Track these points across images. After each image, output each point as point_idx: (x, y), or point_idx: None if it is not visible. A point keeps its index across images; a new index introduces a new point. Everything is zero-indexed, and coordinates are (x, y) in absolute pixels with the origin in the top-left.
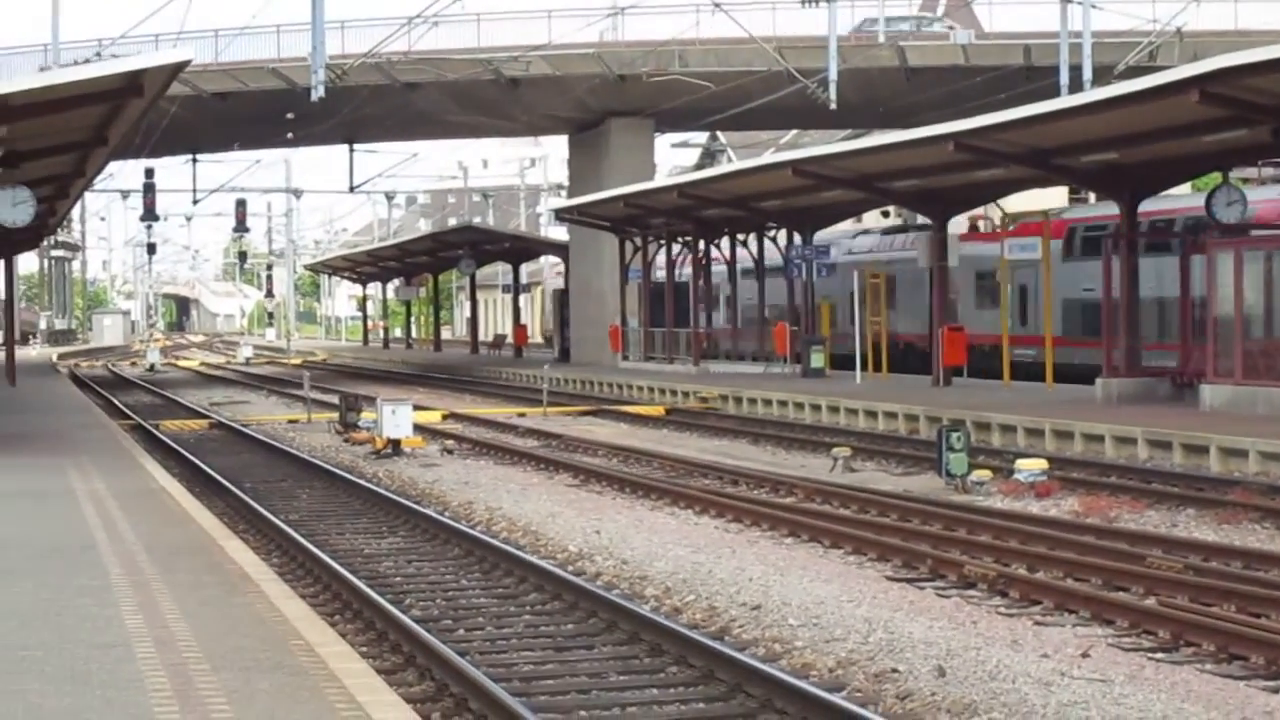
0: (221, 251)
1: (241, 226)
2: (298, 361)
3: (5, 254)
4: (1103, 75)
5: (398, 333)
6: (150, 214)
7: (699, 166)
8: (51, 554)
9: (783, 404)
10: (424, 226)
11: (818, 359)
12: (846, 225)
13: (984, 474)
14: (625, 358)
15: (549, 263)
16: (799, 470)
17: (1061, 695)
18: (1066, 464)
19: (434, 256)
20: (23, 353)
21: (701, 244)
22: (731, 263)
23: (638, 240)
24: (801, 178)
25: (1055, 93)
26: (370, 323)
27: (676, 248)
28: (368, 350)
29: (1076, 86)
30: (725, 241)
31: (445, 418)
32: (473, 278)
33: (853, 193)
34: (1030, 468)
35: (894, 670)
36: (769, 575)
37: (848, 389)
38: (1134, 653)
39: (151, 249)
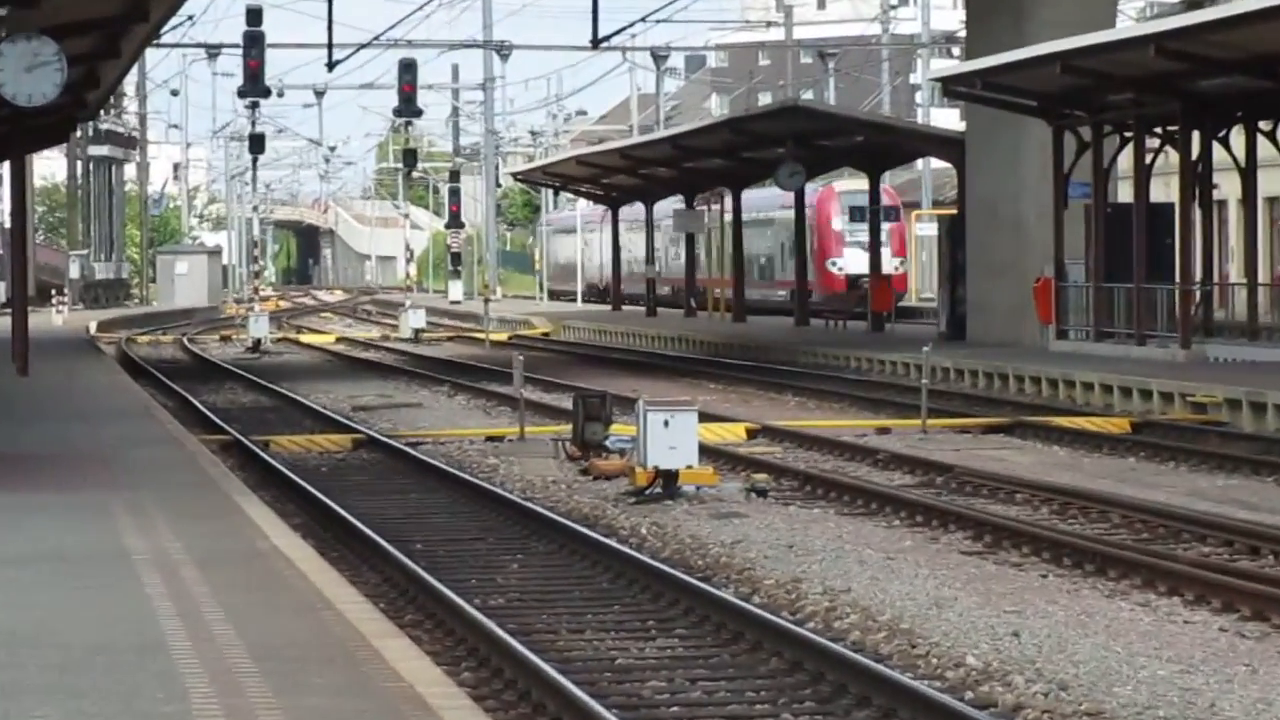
0: (373, 150)
1: (409, 107)
2: (502, 337)
3: (14, 153)
4: None
5: (668, 290)
6: (255, 85)
7: (1189, 5)
8: (91, 661)
9: None
10: (717, 107)
11: None
12: None
13: None
14: (1062, 333)
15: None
16: None
17: None
18: None
19: (735, 158)
20: (39, 320)
21: (1195, 137)
22: (1248, 169)
23: (1085, 131)
24: None
25: None
26: (624, 270)
27: (1153, 144)
28: (620, 317)
29: None
30: (1235, 134)
31: (753, 434)
32: (800, 195)
33: None
34: None
35: None
36: None
37: None
38: None
39: (257, 144)
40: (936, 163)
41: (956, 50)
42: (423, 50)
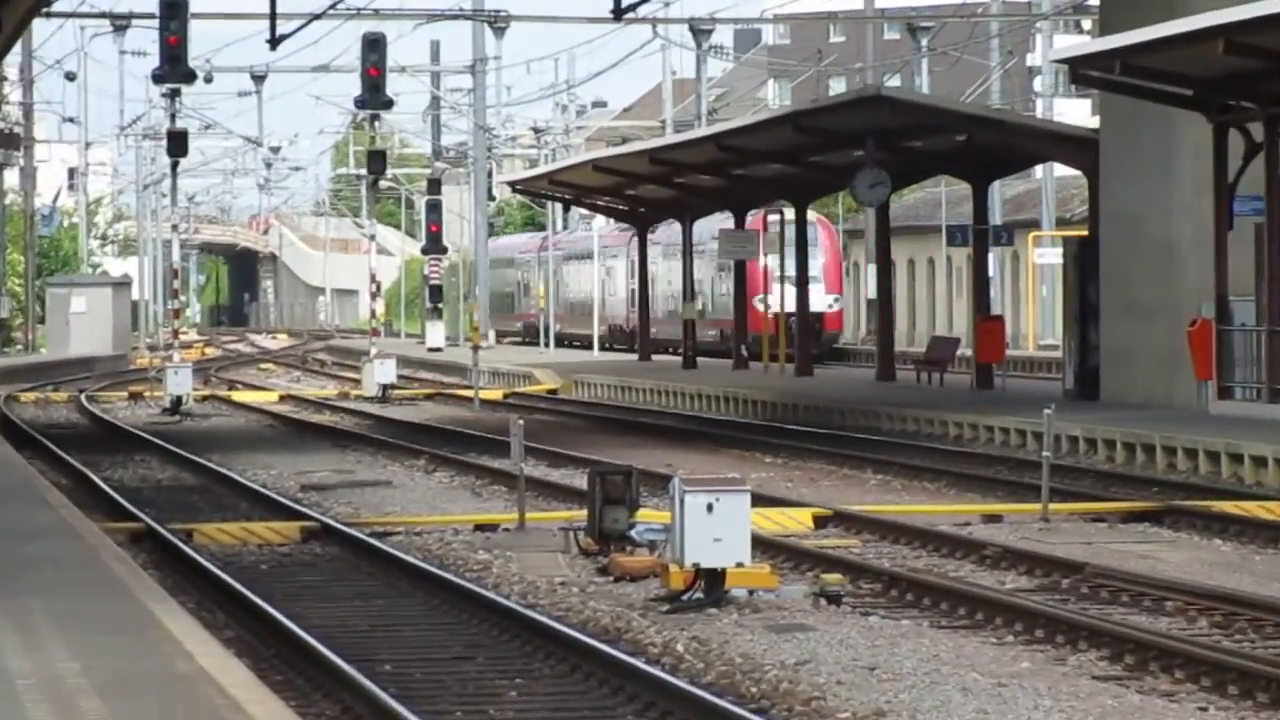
0: (329, 152)
1: (375, 96)
2: (496, 395)
3: None
4: None
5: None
6: (176, 67)
7: None
8: None
9: None
10: (775, 96)
11: None
12: None
13: None
14: (1225, 391)
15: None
16: None
17: None
18: None
19: (799, 163)
20: None
21: None
22: None
23: (1256, 129)
24: None
25: None
26: (649, 311)
27: None
28: (649, 369)
29: None
30: None
31: (822, 522)
32: (884, 214)
33: None
34: None
35: None
36: None
37: None
38: None
39: (178, 144)
40: (1061, 170)
41: (1087, 24)
42: (394, 22)
